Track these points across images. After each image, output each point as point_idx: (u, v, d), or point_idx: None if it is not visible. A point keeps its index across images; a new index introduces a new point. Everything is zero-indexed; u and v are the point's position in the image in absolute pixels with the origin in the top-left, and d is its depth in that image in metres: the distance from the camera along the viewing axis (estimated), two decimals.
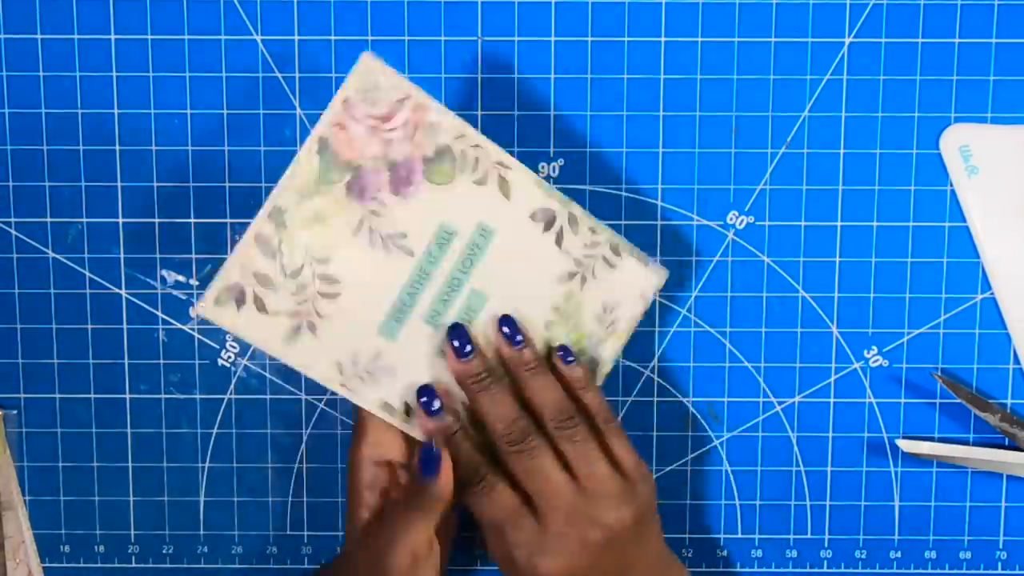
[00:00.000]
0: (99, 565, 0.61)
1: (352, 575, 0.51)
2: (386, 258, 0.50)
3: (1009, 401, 0.59)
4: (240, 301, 0.49)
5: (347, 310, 0.50)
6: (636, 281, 0.54)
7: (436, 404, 0.51)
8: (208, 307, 0.48)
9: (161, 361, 0.60)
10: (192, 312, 0.58)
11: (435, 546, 0.50)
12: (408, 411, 0.52)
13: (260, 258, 0.49)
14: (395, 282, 0.50)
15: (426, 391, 0.52)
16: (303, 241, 0.49)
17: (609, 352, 0.54)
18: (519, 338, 0.52)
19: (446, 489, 0.50)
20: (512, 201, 0.51)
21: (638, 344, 0.59)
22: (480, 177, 0.50)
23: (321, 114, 0.49)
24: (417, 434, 0.52)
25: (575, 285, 0.53)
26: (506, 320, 0.52)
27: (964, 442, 0.59)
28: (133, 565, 0.61)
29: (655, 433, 0.60)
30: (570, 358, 0.52)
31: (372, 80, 0.48)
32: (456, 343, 0.51)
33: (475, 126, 0.57)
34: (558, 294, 0.53)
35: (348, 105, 0.48)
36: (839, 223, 0.58)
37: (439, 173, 0.50)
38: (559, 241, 0.52)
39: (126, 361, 0.60)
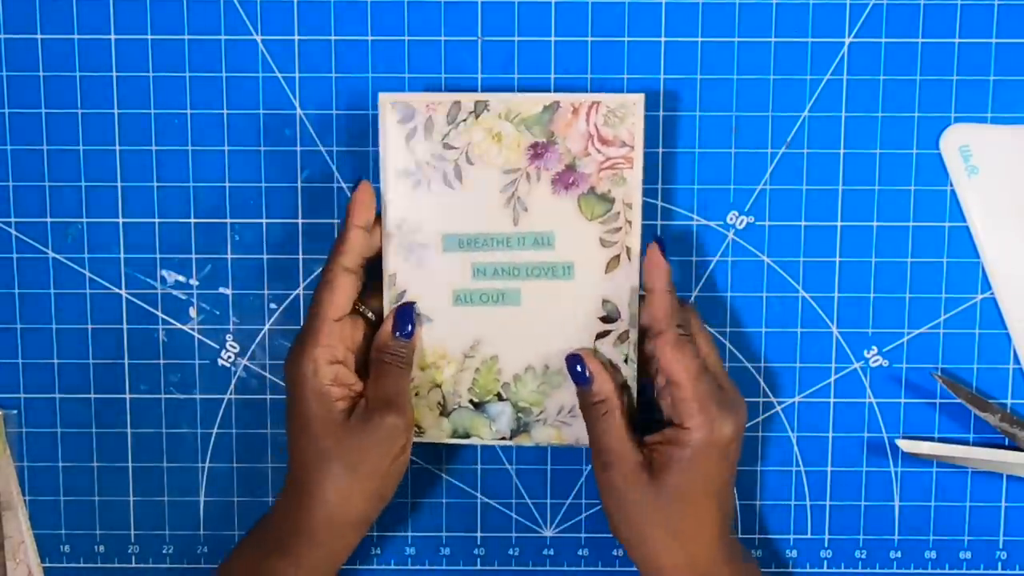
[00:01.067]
0: (99, 565, 0.61)
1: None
2: (500, 206, 0.55)
3: (1009, 401, 0.59)
4: (404, 120, 0.54)
5: (443, 201, 0.55)
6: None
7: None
8: (388, 98, 0.54)
9: (161, 361, 0.60)
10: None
11: (408, 429, 0.54)
12: (397, 300, 0.56)
13: (443, 114, 0.54)
14: (486, 223, 0.55)
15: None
16: (475, 137, 0.54)
17: (540, 436, 0.56)
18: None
19: (416, 342, 0.55)
20: (607, 276, 0.55)
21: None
22: (608, 240, 0.55)
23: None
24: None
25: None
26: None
27: (964, 442, 0.59)
28: (133, 565, 0.61)
29: None
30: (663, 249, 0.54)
31: (625, 112, 0.54)
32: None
33: None
34: (556, 364, 0.56)
35: (595, 106, 0.54)
36: (839, 223, 0.58)
37: (588, 206, 0.54)
38: (601, 336, 0.55)
39: (126, 361, 0.60)
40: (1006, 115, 0.57)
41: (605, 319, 0.55)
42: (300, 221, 0.58)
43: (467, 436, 0.57)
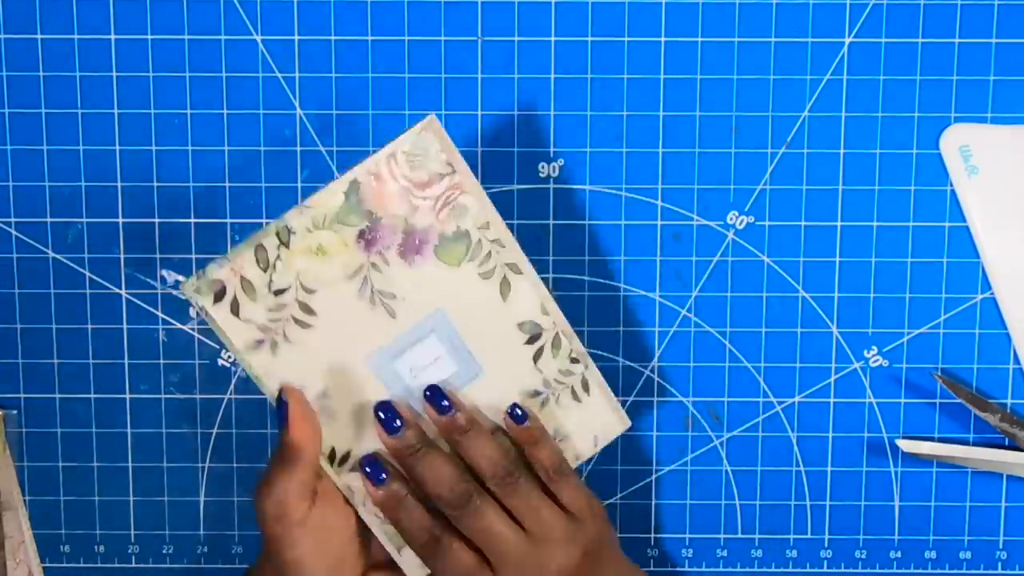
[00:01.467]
0: (99, 565, 0.61)
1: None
2: (370, 311, 0.50)
3: (1009, 401, 0.59)
4: (219, 296, 0.48)
5: (313, 344, 0.49)
6: (594, 423, 0.53)
7: (383, 474, 0.50)
8: (189, 288, 0.48)
9: (161, 361, 0.60)
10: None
11: (313, 511, 0.49)
12: (340, 461, 0.51)
13: (253, 267, 0.48)
14: (371, 337, 0.50)
15: (371, 462, 0.51)
16: (299, 266, 0.48)
17: None
18: (445, 403, 0.51)
19: (299, 438, 0.48)
20: (507, 304, 0.51)
21: (638, 344, 0.59)
22: (486, 271, 0.50)
23: (364, 159, 0.48)
24: (340, 483, 0.51)
25: (535, 404, 0.52)
26: (431, 388, 0.51)
27: (964, 442, 0.59)
28: (133, 565, 0.61)
29: (655, 433, 0.60)
30: (520, 418, 0.51)
31: (424, 146, 0.48)
32: (383, 416, 0.50)
33: (475, 126, 0.57)
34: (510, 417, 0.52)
35: (392, 161, 0.48)
36: (839, 223, 0.58)
37: (449, 254, 0.50)
38: (536, 357, 0.52)
39: (126, 361, 0.60)
40: (1006, 115, 0.57)
41: (530, 340, 0.51)
42: None
43: None
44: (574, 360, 0.52)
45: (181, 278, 0.59)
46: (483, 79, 0.57)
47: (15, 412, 0.60)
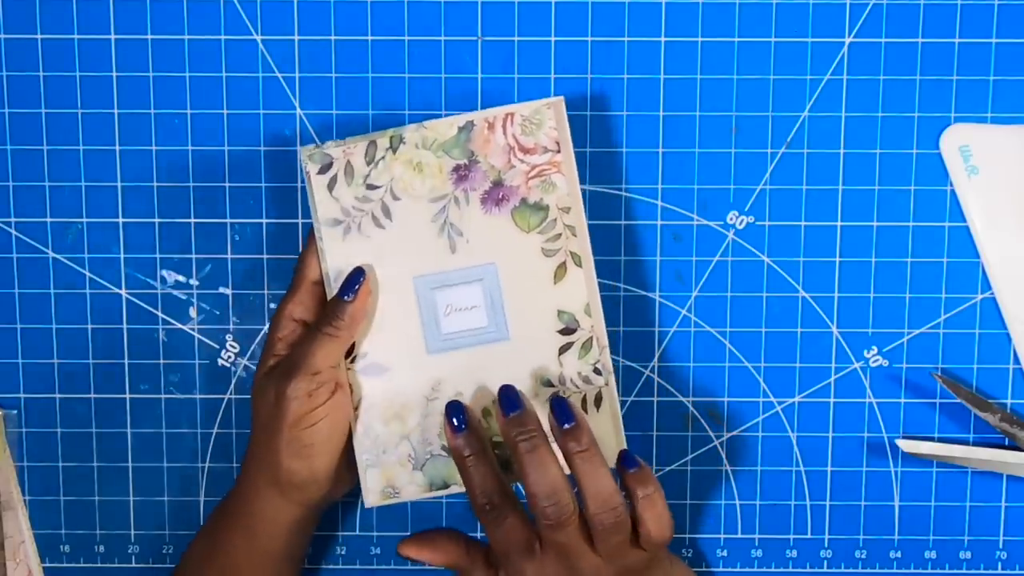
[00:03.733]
0: (99, 565, 0.61)
1: (254, 424, 0.53)
2: (436, 237, 0.53)
3: (1009, 401, 0.59)
4: (323, 170, 0.53)
5: (378, 243, 0.53)
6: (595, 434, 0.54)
7: (462, 422, 0.51)
8: (307, 152, 0.53)
9: (161, 361, 0.60)
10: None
11: (339, 389, 0.53)
12: (354, 358, 0.54)
13: (360, 157, 0.53)
14: (423, 257, 0.53)
15: (455, 408, 0.52)
16: (396, 172, 0.53)
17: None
18: (571, 423, 0.50)
19: (359, 311, 0.52)
20: (556, 287, 0.54)
21: (638, 344, 0.59)
22: (550, 249, 0.54)
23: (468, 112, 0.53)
24: (349, 377, 0.54)
25: (544, 394, 0.54)
26: (558, 402, 0.51)
27: (964, 442, 0.59)
28: (133, 565, 0.61)
29: (655, 433, 0.60)
30: (634, 467, 0.51)
31: (541, 118, 0.53)
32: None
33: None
34: (525, 388, 0.53)
35: (509, 119, 0.53)
36: (839, 223, 0.58)
37: (524, 218, 0.53)
38: (563, 350, 0.54)
39: (126, 361, 0.60)
40: (1006, 115, 0.57)
41: (564, 331, 0.54)
42: (300, 221, 0.58)
43: (445, 487, 0.55)
44: (597, 371, 0.54)
45: (181, 278, 0.59)
46: (483, 79, 0.57)
47: (15, 412, 0.60)
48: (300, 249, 0.58)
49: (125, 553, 0.61)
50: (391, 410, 0.54)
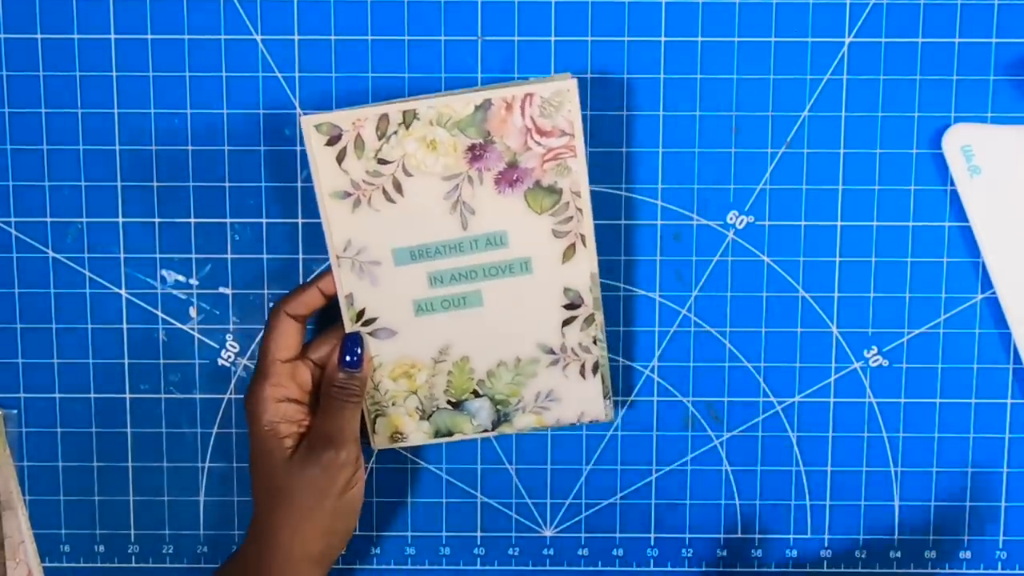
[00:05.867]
0: (99, 565, 0.61)
1: (283, 511, 0.53)
2: (447, 213, 0.53)
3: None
4: (332, 142, 0.53)
5: (389, 217, 0.53)
6: (585, 402, 0.57)
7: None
8: (310, 121, 0.52)
9: (161, 361, 0.60)
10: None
11: (351, 464, 0.54)
12: (365, 322, 0.55)
13: (372, 131, 0.52)
14: (434, 231, 0.54)
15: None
16: (408, 148, 0.53)
17: (521, 424, 0.57)
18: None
19: (368, 371, 0.55)
20: (565, 265, 0.54)
21: (638, 344, 0.59)
22: (561, 231, 0.54)
23: (491, 87, 0.53)
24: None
25: (545, 361, 0.56)
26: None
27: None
28: (133, 565, 0.61)
29: (655, 433, 0.60)
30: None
31: (560, 100, 0.52)
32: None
33: None
34: (527, 355, 0.56)
35: (529, 98, 0.52)
36: (839, 223, 0.58)
37: (537, 200, 0.54)
38: (567, 323, 0.55)
39: (126, 361, 0.60)
40: (1006, 115, 0.57)
41: (569, 306, 0.55)
42: (300, 221, 0.58)
43: (449, 434, 0.57)
44: (595, 341, 0.55)
45: (181, 278, 0.59)
46: (483, 79, 0.57)
47: (15, 412, 0.60)
48: (300, 249, 0.58)
49: (125, 553, 0.61)
50: (400, 369, 0.56)
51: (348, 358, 0.54)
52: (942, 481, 0.60)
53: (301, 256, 0.59)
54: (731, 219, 0.58)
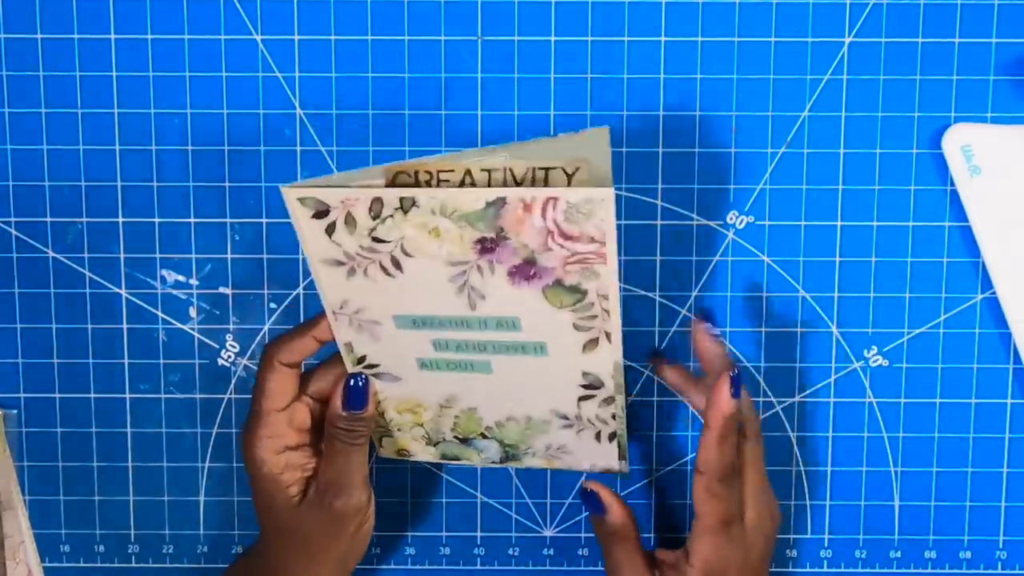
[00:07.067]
0: (99, 565, 0.61)
1: (296, 544, 0.52)
2: (454, 294, 0.48)
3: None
4: (319, 215, 0.46)
5: (388, 287, 0.48)
6: (598, 459, 0.55)
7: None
8: (293, 193, 0.46)
9: (161, 361, 0.60)
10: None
11: (361, 509, 0.53)
12: (359, 363, 0.52)
13: (364, 211, 0.46)
14: (439, 307, 0.49)
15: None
16: (407, 233, 0.46)
17: (530, 464, 0.56)
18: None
19: (374, 411, 0.53)
20: (585, 357, 0.49)
21: (638, 344, 0.59)
22: (583, 326, 0.48)
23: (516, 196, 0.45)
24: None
25: (558, 424, 0.53)
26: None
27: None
28: (133, 565, 0.61)
29: (655, 433, 0.60)
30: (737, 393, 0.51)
31: (592, 208, 0.44)
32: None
33: (475, 126, 0.57)
34: (539, 416, 0.53)
35: (552, 203, 0.44)
36: (839, 223, 0.58)
37: (557, 297, 0.47)
38: (584, 400, 0.52)
39: (126, 361, 0.60)
40: (1006, 115, 0.57)
41: (587, 386, 0.51)
42: None
43: (457, 459, 0.56)
44: (613, 416, 0.53)
45: (181, 278, 0.59)
46: (483, 79, 0.57)
47: (15, 412, 0.60)
48: (300, 250, 0.58)
49: (125, 553, 0.61)
50: (405, 406, 0.54)
51: (352, 399, 0.51)
52: (942, 481, 0.60)
53: (301, 256, 0.59)
54: (731, 219, 0.58)
